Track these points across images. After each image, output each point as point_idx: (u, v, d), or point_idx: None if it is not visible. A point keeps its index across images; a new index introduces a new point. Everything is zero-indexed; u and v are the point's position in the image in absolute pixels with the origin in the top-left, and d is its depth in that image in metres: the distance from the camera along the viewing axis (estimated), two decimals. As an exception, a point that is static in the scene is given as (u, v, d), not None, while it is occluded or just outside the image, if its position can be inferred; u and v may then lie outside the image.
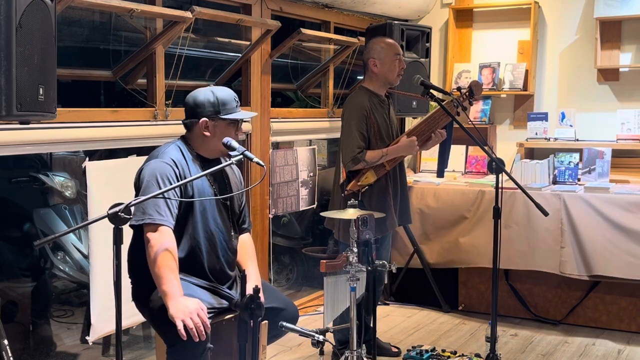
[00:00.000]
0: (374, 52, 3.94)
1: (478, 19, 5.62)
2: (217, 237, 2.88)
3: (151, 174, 2.72)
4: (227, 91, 2.90)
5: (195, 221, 2.82)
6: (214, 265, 2.88)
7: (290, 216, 5.61)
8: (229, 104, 2.84)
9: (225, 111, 2.83)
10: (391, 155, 3.87)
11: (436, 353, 4.11)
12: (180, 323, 2.50)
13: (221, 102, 2.83)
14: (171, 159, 2.78)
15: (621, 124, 4.96)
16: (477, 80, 4.10)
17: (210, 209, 2.87)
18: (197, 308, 2.55)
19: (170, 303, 2.55)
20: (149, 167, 2.76)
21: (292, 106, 5.89)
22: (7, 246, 4.50)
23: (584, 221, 4.47)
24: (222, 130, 2.84)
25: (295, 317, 3.04)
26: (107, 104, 6.03)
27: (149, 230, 2.66)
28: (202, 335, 2.53)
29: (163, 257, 2.61)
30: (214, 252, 2.87)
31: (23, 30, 2.09)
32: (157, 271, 2.61)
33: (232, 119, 2.85)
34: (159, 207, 2.67)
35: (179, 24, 3.60)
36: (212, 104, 2.82)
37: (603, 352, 4.27)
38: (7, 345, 2.78)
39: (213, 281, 2.88)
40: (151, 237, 2.65)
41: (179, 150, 2.84)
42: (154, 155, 2.83)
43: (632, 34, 5.07)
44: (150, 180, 2.70)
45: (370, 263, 3.05)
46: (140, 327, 4.23)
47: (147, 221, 2.66)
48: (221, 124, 2.84)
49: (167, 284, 2.58)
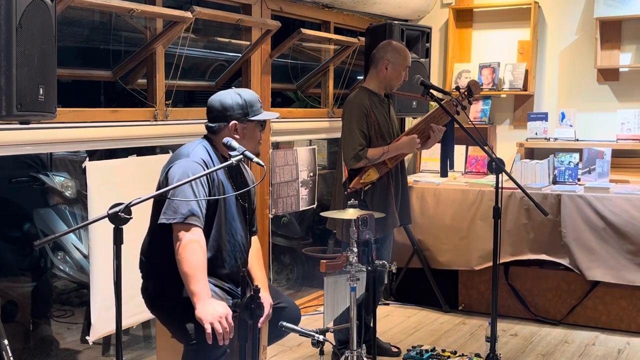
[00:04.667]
0: (389, 55, 3.94)
1: (478, 19, 5.62)
2: (237, 239, 2.88)
3: (183, 173, 2.68)
4: (252, 93, 2.91)
5: (220, 224, 2.81)
6: (233, 269, 2.89)
7: (290, 216, 5.61)
8: (255, 105, 2.86)
9: (253, 113, 2.84)
10: (392, 153, 3.87)
11: (436, 353, 4.11)
12: (209, 326, 2.51)
13: (249, 104, 2.84)
14: (201, 159, 2.77)
15: (621, 124, 4.96)
16: (475, 80, 4.10)
17: (232, 212, 2.87)
18: (225, 312, 2.57)
19: (199, 304, 2.56)
20: (179, 166, 2.72)
21: (292, 106, 5.89)
22: (7, 246, 4.50)
23: (584, 221, 4.47)
24: (251, 131, 2.86)
25: (298, 317, 3.05)
26: (107, 104, 6.03)
27: (181, 229, 2.65)
28: (227, 340, 2.55)
29: (194, 256, 2.61)
30: (234, 255, 2.88)
31: (23, 30, 2.09)
32: (187, 270, 2.61)
33: (261, 119, 2.86)
34: (192, 208, 2.66)
35: (179, 24, 3.60)
36: (241, 107, 2.83)
37: (603, 352, 4.27)
38: (7, 345, 2.78)
39: (229, 283, 2.88)
40: (183, 236, 2.63)
41: (207, 152, 2.83)
42: (183, 154, 2.79)
43: (632, 34, 5.08)
44: (182, 179, 2.64)
45: (370, 263, 3.05)
46: (140, 327, 4.23)
47: (178, 220, 2.64)
48: (250, 126, 2.85)
49: (197, 283, 2.59)
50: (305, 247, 5.57)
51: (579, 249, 4.49)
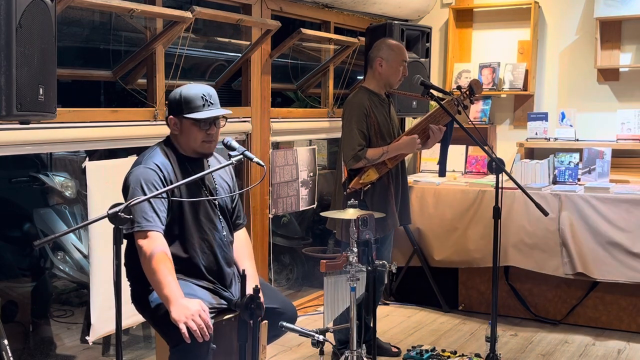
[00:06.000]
0: (382, 52, 3.94)
1: (478, 19, 5.62)
2: (211, 236, 2.87)
3: (136, 181, 2.71)
4: (195, 90, 2.83)
5: (187, 223, 2.81)
6: (211, 265, 2.88)
7: (290, 216, 5.61)
8: (193, 103, 2.79)
9: (188, 110, 2.79)
10: (392, 153, 3.87)
11: (436, 353, 4.11)
12: (184, 326, 2.51)
13: (185, 101, 2.79)
14: (155, 163, 2.77)
15: (621, 124, 4.96)
16: (477, 79, 4.10)
17: (202, 208, 2.86)
18: (198, 309, 2.55)
19: (172, 307, 2.56)
20: (134, 174, 2.75)
21: (292, 106, 5.89)
22: (7, 246, 4.50)
23: (584, 221, 4.46)
24: (187, 128, 2.82)
25: (294, 317, 3.03)
26: (107, 104, 6.03)
27: (139, 238, 2.66)
28: (206, 336, 2.54)
29: (157, 262, 2.61)
30: (211, 252, 2.87)
31: (23, 30, 2.09)
32: (154, 277, 2.61)
33: (193, 118, 2.79)
34: (145, 214, 2.66)
35: (179, 24, 3.60)
36: (177, 102, 2.82)
37: (603, 352, 4.27)
38: (7, 345, 2.78)
39: (212, 281, 2.88)
40: (142, 244, 2.64)
41: (164, 153, 2.83)
42: (139, 161, 2.82)
43: (632, 34, 5.07)
44: (135, 187, 2.69)
45: (370, 263, 3.05)
46: (140, 327, 4.23)
47: (135, 229, 2.65)
48: (186, 123, 2.81)
49: (166, 288, 2.58)
50: (305, 247, 5.57)
51: (579, 249, 4.48)
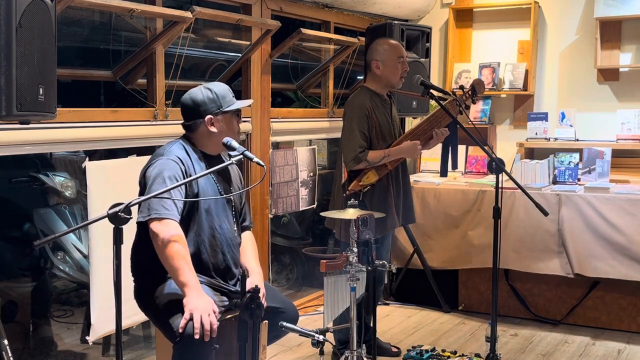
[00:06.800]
0: (376, 54, 3.92)
1: (478, 19, 5.62)
2: (222, 234, 2.89)
3: (158, 172, 2.73)
4: (222, 85, 2.95)
5: (200, 219, 2.83)
6: (219, 264, 2.89)
7: (290, 216, 5.61)
8: (227, 96, 2.90)
9: (226, 104, 2.88)
10: (393, 157, 3.86)
11: (436, 353, 4.11)
12: (190, 314, 2.52)
13: (220, 97, 2.88)
14: (177, 156, 2.80)
15: (621, 124, 4.96)
16: (479, 79, 4.08)
17: (215, 207, 2.89)
18: (210, 309, 2.57)
19: (190, 293, 2.57)
20: (156, 165, 2.77)
21: (292, 106, 5.89)
22: (7, 246, 4.50)
23: (584, 221, 4.46)
24: (227, 122, 2.89)
25: (295, 317, 3.04)
26: (107, 104, 6.03)
27: (156, 225, 2.66)
28: (207, 336, 2.54)
29: (173, 247, 2.62)
30: (220, 250, 2.89)
31: (23, 30, 2.09)
32: (171, 262, 2.62)
33: (235, 109, 2.90)
34: (165, 203, 2.69)
35: (179, 24, 3.61)
36: (213, 100, 2.87)
37: (603, 352, 4.27)
38: (7, 345, 2.78)
39: (216, 279, 2.89)
40: (158, 229, 2.65)
41: (183, 149, 2.87)
42: (159, 154, 2.84)
43: (632, 34, 5.07)
44: (157, 178, 2.72)
45: (370, 263, 3.05)
46: (140, 327, 4.23)
47: (153, 216, 2.67)
48: (226, 117, 2.89)
49: (184, 274, 2.60)
50: (305, 247, 5.57)
51: (578, 249, 4.48)
